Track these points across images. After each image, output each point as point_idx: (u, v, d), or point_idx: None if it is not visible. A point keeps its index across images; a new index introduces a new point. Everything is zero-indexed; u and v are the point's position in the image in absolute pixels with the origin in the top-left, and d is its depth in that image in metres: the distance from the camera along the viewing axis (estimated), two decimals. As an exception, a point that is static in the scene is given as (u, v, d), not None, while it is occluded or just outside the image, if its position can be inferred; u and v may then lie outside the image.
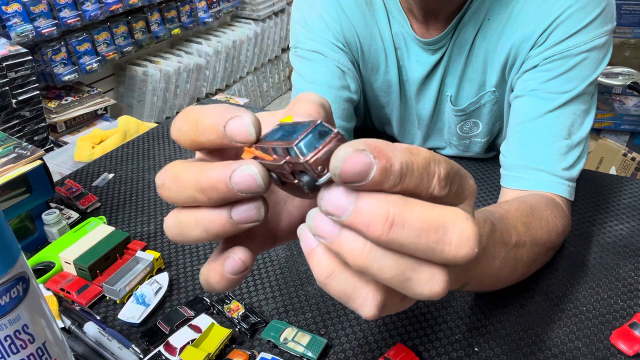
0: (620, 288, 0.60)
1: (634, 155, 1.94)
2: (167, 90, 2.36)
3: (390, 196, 0.23)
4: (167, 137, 1.00)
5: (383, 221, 0.22)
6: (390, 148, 0.23)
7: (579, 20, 0.63)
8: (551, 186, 0.63)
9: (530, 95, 0.66)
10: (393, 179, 0.22)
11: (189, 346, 0.52)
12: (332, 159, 0.22)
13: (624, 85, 2.00)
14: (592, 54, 0.64)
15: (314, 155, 0.23)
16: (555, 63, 0.64)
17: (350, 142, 0.22)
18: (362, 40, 0.75)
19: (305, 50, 0.76)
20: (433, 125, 0.84)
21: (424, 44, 0.72)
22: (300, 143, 0.23)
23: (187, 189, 0.26)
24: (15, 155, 0.68)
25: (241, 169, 0.25)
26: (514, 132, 0.67)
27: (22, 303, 0.30)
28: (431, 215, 0.23)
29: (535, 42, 0.65)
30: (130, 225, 0.74)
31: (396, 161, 0.22)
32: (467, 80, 0.75)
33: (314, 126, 0.24)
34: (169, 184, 0.27)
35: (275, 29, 3.03)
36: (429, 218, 0.23)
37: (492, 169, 0.85)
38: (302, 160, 0.23)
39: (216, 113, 0.26)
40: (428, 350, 0.53)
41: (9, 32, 1.72)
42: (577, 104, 0.64)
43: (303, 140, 0.23)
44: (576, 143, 0.64)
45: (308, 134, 0.23)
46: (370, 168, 0.22)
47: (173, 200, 0.27)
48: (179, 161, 0.28)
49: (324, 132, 0.24)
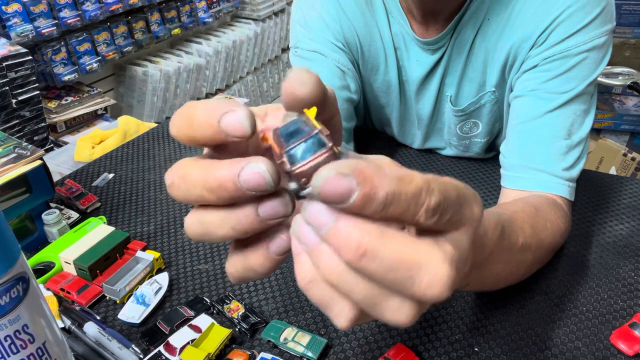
0: (620, 288, 0.60)
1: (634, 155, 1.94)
2: (167, 90, 2.36)
3: (368, 225, 0.23)
4: (167, 137, 1.00)
5: (355, 249, 0.22)
6: (380, 175, 0.22)
7: (578, 20, 0.63)
8: (551, 187, 0.63)
9: (530, 95, 0.66)
10: (376, 207, 0.22)
11: (189, 346, 0.52)
12: (315, 176, 0.22)
13: (624, 85, 2.00)
14: (592, 53, 0.63)
15: (300, 166, 0.23)
16: (555, 63, 0.64)
17: (338, 162, 0.22)
18: (362, 40, 0.75)
19: (305, 50, 0.76)
20: (433, 126, 0.84)
21: (423, 43, 0.72)
22: (292, 150, 0.23)
23: (196, 188, 0.26)
24: (15, 155, 0.68)
25: (249, 167, 0.24)
26: (513, 132, 0.67)
27: (22, 303, 0.30)
28: (405, 252, 0.23)
29: (535, 42, 0.65)
30: (130, 225, 0.74)
31: (381, 190, 0.22)
32: (467, 80, 0.75)
33: (311, 135, 0.24)
34: (178, 183, 0.27)
35: (275, 29, 3.03)
36: (402, 254, 0.23)
37: (492, 169, 0.85)
38: (288, 169, 0.23)
39: (210, 108, 0.26)
40: (428, 350, 0.53)
41: (9, 32, 1.72)
42: (576, 104, 0.64)
43: (296, 147, 0.23)
44: (576, 143, 0.64)
45: (302, 142, 0.23)
46: (351, 193, 0.22)
47: (183, 199, 0.27)
48: (188, 159, 0.27)
49: (320, 143, 0.23)
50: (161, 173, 0.88)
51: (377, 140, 0.95)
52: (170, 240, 0.71)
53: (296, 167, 0.23)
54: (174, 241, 0.71)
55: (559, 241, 0.60)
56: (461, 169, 0.86)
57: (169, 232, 0.72)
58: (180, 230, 0.73)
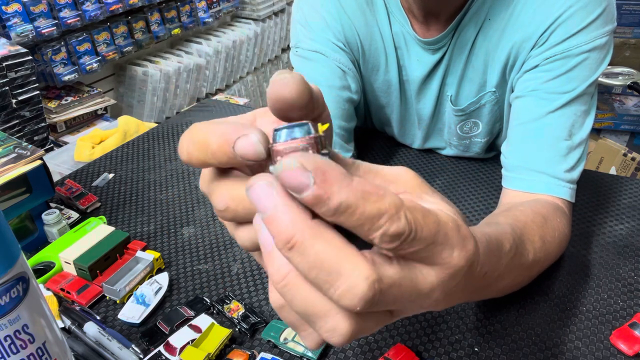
0: (620, 288, 0.60)
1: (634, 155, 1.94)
2: (167, 90, 2.36)
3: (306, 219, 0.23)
4: (167, 137, 1.00)
5: (285, 241, 0.23)
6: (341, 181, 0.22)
7: (580, 20, 0.62)
8: (553, 189, 0.63)
9: (531, 95, 0.66)
10: (326, 211, 0.22)
11: (189, 346, 0.52)
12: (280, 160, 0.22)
13: (624, 85, 2.00)
14: (593, 54, 0.63)
15: (278, 145, 0.24)
16: (556, 63, 0.64)
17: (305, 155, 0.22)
18: (362, 39, 0.75)
19: (306, 50, 0.76)
20: (433, 126, 0.84)
21: (424, 43, 0.72)
22: (279, 131, 0.24)
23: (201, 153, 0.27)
24: (15, 155, 0.68)
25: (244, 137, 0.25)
26: (514, 132, 0.67)
27: (22, 303, 0.30)
28: (330, 256, 0.22)
29: (536, 42, 0.65)
30: (130, 225, 0.74)
31: (336, 197, 0.22)
32: (467, 80, 0.75)
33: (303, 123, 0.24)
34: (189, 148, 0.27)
35: (275, 29, 3.03)
36: (326, 258, 0.22)
37: (492, 169, 0.85)
38: (269, 144, 0.25)
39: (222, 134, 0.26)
40: (428, 350, 0.53)
41: (9, 32, 1.72)
42: (577, 105, 0.64)
43: (283, 129, 0.24)
44: (577, 144, 0.64)
45: (293, 127, 0.24)
46: (304, 189, 0.22)
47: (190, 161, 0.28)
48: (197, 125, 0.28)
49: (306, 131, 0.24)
50: (161, 173, 0.88)
51: (377, 140, 0.95)
52: (170, 240, 0.71)
53: (274, 145, 0.24)
54: (174, 241, 0.71)
55: (563, 248, 0.60)
56: (461, 169, 0.86)
57: (169, 232, 0.72)
58: (180, 230, 0.73)
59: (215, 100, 1.23)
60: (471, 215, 0.75)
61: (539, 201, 0.61)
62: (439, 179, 0.84)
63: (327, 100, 0.70)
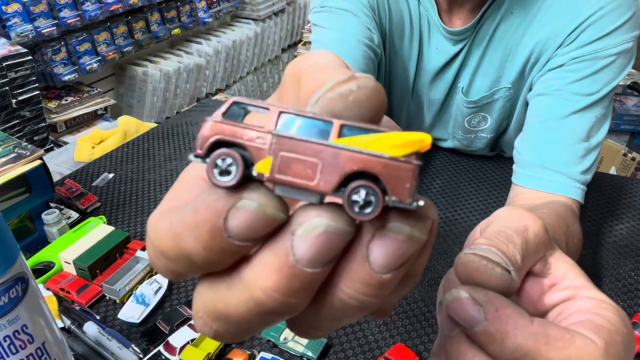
0: (621, 288, 0.60)
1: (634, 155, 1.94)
2: (167, 90, 2.36)
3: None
4: (167, 137, 1.00)
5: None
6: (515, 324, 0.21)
7: (611, 22, 0.61)
8: (567, 190, 0.62)
9: (555, 94, 0.65)
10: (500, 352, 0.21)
11: (189, 346, 0.52)
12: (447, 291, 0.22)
13: (624, 85, 2.00)
14: (620, 58, 0.63)
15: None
16: (583, 64, 0.63)
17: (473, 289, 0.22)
18: (393, 14, 0.73)
19: (335, 8, 0.71)
20: (440, 116, 0.83)
21: (448, 33, 0.71)
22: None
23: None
24: (15, 155, 0.68)
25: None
26: (533, 130, 0.66)
27: (21, 303, 0.30)
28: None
29: (563, 40, 0.64)
30: (130, 225, 0.74)
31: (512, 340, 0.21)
32: (480, 73, 0.73)
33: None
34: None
35: (275, 29, 3.02)
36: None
37: (494, 169, 0.85)
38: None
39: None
40: (428, 350, 0.53)
41: (9, 32, 1.72)
42: (598, 108, 0.63)
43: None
44: (593, 147, 0.63)
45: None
46: (477, 325, 0.21)
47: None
48: None
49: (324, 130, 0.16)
50: (161, 173, 0.88)
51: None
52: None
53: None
54: (173, 241, 0.70)
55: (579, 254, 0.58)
56: (464, 166, 0.86)
57: (169, 232, 0.72)
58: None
59: (215, 100, 1.23)
60: (471, 215, 0.75)
61: (558, 203, 0.60)
62: (439, 179, 0.83)
63: (355, 54, 0.69)
